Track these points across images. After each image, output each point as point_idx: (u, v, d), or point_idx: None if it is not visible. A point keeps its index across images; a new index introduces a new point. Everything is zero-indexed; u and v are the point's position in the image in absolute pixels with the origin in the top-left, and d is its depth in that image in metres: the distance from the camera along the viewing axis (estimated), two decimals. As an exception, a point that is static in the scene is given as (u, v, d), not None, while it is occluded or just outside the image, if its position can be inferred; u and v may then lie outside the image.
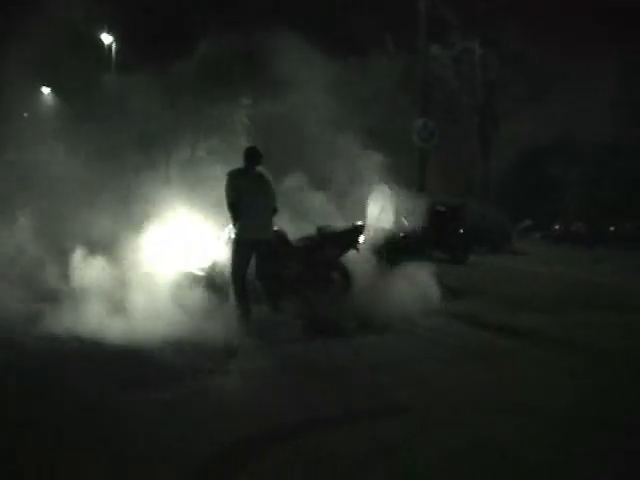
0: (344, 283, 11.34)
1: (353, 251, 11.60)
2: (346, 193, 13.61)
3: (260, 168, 10.35)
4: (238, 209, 9.98)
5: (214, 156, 15.10)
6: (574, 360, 8.64)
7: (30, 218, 12.28)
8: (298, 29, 17.04)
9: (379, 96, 21.94)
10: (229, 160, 13.96)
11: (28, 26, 17.50)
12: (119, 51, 35.02)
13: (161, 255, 11.27)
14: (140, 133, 16.67)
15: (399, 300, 12.22)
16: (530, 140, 31.85)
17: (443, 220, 19.48)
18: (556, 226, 29.33)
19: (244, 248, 10.10)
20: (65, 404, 6.62)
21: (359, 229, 11.62)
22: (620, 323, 11.30)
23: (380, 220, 13.18)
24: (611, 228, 27.07)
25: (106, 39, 36.16)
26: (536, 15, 28.76)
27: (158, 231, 11.59)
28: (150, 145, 15.63)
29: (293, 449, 5.66)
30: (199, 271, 10.66)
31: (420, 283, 12.62)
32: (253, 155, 10.31)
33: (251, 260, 10.26)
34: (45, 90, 35.86)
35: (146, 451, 5.50)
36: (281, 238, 10.93)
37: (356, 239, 11.53)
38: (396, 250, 16.07)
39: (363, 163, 14.09)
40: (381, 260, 13.04)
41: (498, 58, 31.51)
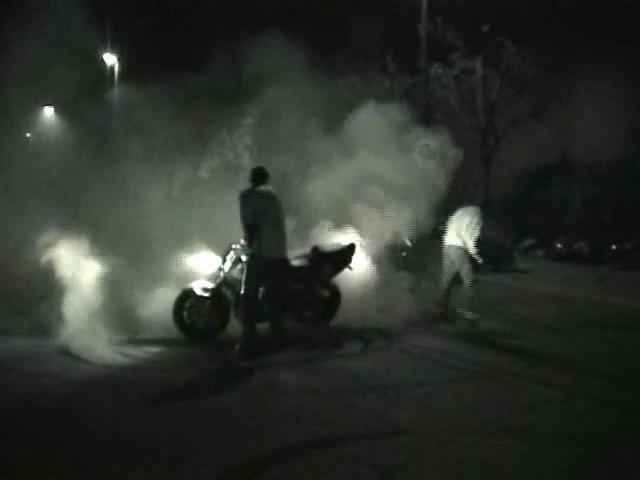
0: (334, 301, 11.38)
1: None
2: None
3: (269, 187, 10.32)
4: (255, 229, 9.92)
5: (216, 175, 15.13)
6: (577, 381, 8.59)
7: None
8: (299, 49, 17.04)
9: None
10: (230, 179, 14.08)
11: (30, 45, 17.51)
12: (122, 72, 35.16)
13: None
14: (143, 152, 16.61)
15: (401, 317, 12.29)
16: (531, 159, 31.86)
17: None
18: (558, 245, 29.21)
19: (261, 266, 10.03)
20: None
21: (353, 248, 11.59)
22: (623, 342, 11.28)
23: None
24: (613, 247, 26.95)
25: (109, 59, 36.34)
26: (537, 35, 28.86)
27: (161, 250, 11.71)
28: (153, 164, 15.56)
29: (287, 470, 5.63)
30: (203, 291, 10.65)
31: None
32: (260, 175, 10.29)
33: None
34: (48, 110, 36.00)
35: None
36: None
37: (350, 258, 11.53)
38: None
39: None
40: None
41: (500, 78, 31.60)
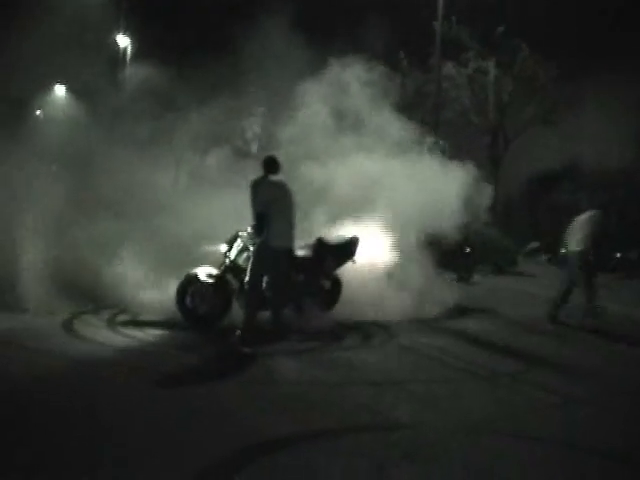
0: (334, 292, 11.45)
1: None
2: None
3: (281, 176, 10.33)
4: (265, 218, 9.92)
5: (224, 163, 15.15)
6: (576, 386, 8.57)
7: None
8: (310, 41, 17.06)
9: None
10: (239, 168, 14.11)
11: (43, 25, 17.54)
12: (134, 54, 35.11)
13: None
14: (151, 138, 16.63)
15: (403, 313, 12.31)
16: (539, 163, 31.83)
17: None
18: (562, 250, 29.14)
19: (268, 256, 10.04)
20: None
21: (357, 241, 11.60)
22: (623, 350, 11.30)
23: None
24: (617, 255, 26.92)
25: (122, 41, 36.30)
26: (551, 40, 28.79)
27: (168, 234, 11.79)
28: (161, 150, 15.59)
29: (284, 461, 5.62)
30: (207, 277, 10.67)
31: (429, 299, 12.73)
32: (272, 164, 10.28)
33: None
34: (59, 89, 35.97)
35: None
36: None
37: (354, 251, 11.55)
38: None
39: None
40: None
41: (512, 80, 31.54)
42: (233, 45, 20.28)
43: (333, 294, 11.50)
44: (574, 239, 13.04)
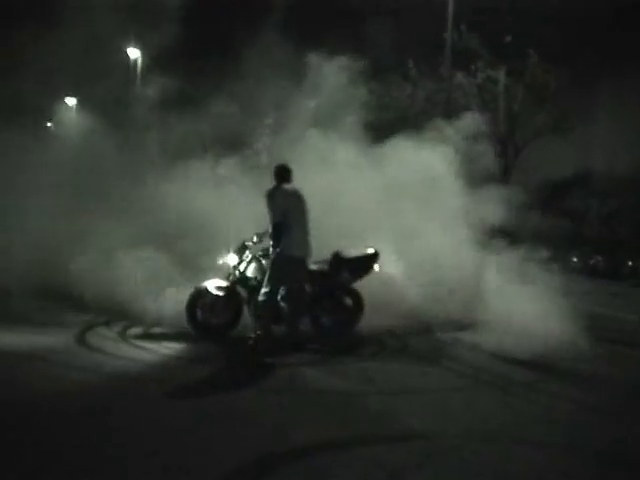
0: (356, 309, 11.26)
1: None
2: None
3: (294, 185, 10.30)
4: (282, 227, 9.90)
5: (235, 174, 15.18)
6: (589, 395, 8.54)
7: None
8: (320, 52, 17.08)
9: (402, 123, 21.85)
10: (250, 178, 14.13)
11: (53, 36, 17.61)
12: (145, 66, 35.22)
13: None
14: (161, 148, 16.68)
15: (416, 323, 12.29)
16: (550, 171, 31.76)
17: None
18: (574, 259, 29.11)
19: (285, 265, 10.02)
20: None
21: (375, 256, 11.47)
22: (636, 359, 11.24)
23: None
24: (629, 263, 26.85)
25: (132, 53, 36.41)
26: (561, 45, 28.76)
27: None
28: (171, 160, 15.62)
29: (297, 470, 5.63)
30: (217, 290, 10.68)
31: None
32: (284, 172, 10.29)
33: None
34: (70, 100, 36.09)
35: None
36: None
37: (371, 266, 11.42)
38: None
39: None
40: None
41: (522, 88, 31.49)
42: (244, 54, 20.29)
43: (354, 312, 11.28)
44: None
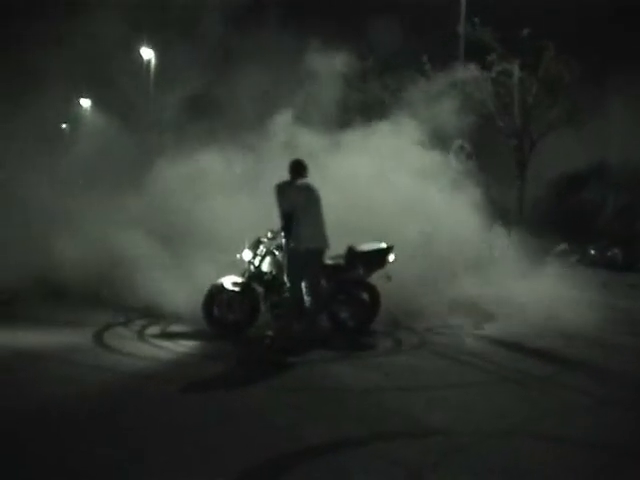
0: (372, 303, 11.27)
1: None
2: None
3: (307, 180, 10.27)
4: (292, 218, 9.93)
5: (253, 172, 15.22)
6: (607, 389, 8.50)
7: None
8: (331, 45, 17.12)
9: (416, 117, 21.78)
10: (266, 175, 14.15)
11: (66, 37, 17.71)
12: (158, 66, 35.30)
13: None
14: (176, 147, 16.71)
15: (432, 318, 12.29)
16: (566, 164, 31.59)
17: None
18: (592, 251, 28.95)
19: (298, 259, 10.04)
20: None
21: (389, 250, 11.46)
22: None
23: None
24: (645, 255, 26.65)
25: (145, 54, 36.53)
26: (576, 38, 28.58)
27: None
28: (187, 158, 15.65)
29: (317, 468, 5.63)
30: (233, 286, 10.72)
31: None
32: (298, 167, 10.30)
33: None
34: (84, 102, 36.27)
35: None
36: None
37: (385, 259, 11.40)
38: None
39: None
40: None
41: (537, 82, 31.30)
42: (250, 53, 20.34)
43: (372, 307, 11.29)
44: None
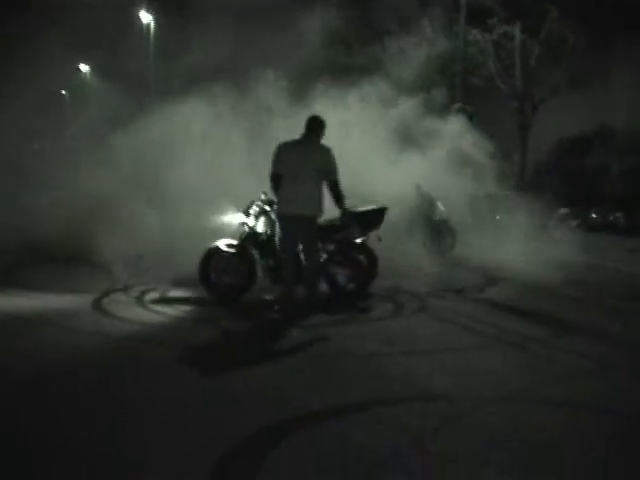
0: (370, 265, 11.20)
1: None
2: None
3: (319, 139, 10.00)
4: (278, 181, 9.79)
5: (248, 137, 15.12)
6: (608, 352, 8.44)
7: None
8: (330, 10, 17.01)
9: (417, 80, 21.62)
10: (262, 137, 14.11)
11: (64, 2, 17.59)
12: (158, 30, 35.07)
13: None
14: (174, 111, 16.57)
15: (433, 282, 12.27)
16: (568, 127, 31.39)
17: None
18: (593, 215, 28.90)
19: (284, 223, 9.95)
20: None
21: (382, 211, 11.42)
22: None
23: None
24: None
25: (144, 17, 36.25)
26: (580, 2, 28.34)
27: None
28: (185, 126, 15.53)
29: (318, 434, 5.58)
30: (228, 248, 10.65)
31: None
32: (312, 124, 10.00)
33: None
34: (84, 67, 36.08)
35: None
36: None
37: (379, 220, 11.32)
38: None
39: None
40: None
41: (538, 44, 31.05)
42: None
43: (369, 270, 11.21)
44: None
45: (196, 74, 18.92)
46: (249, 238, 10.68)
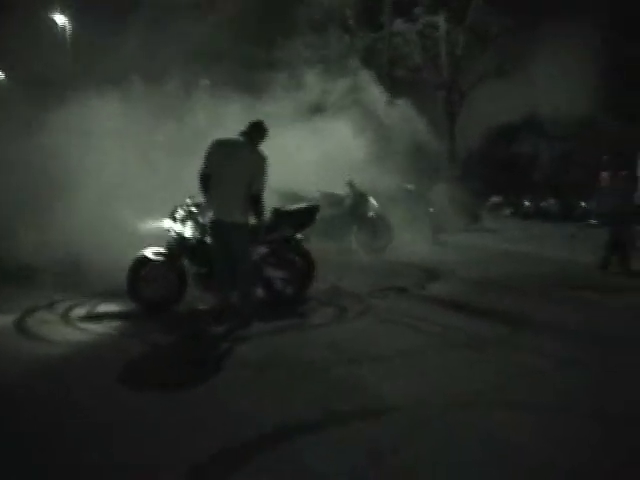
0: (307, 267, 10.68)
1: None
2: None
3: (255, 144, 9.28)
4: (207, 182, 9.10)
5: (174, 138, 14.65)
6: (564, 346, 8.13)
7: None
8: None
9: (342, 75, 21.31)
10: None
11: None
12: (73, 32, 34.31)
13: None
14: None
15: (374, 282, 11.88)
16: (497, 116, 31.40)
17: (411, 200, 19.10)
18: (526, 202, 29.00)
19: (214, 230, 9.33)
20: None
21: (314, 209, 11.03)
22: (601, 303, 10.95)
23: None
24: (582, 204, 26.68)
25: (59, 20, 35.38)
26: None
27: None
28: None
29: (271, 458, 5.08)
30: (156, 256, 10.01)
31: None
32: (253, 129, 9.30)
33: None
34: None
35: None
36: None
37: (311, 219, 10.88)
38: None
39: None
40: None
41: (463, 33, 30.98)
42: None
43: (307, 272, 10.67)
44: None
45: (115, 75, 18.31)
46: (177, 244, 10.05)
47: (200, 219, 9.97)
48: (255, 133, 9.35)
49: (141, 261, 9.91)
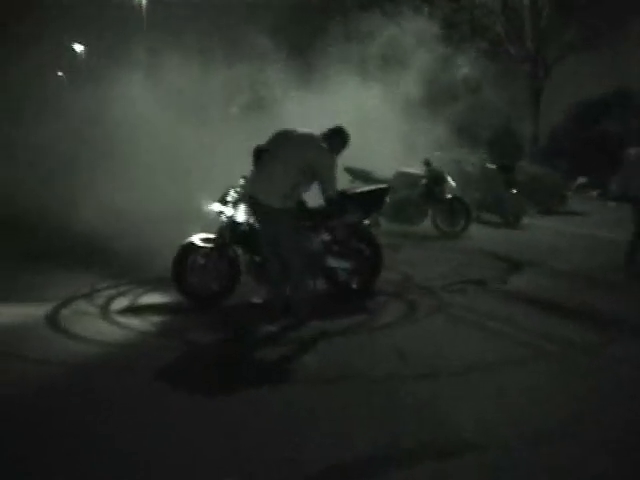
0: (375, 257, 9.64)
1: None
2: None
3: (310, 133, 8.45)
4: (258, 157, 8.41)
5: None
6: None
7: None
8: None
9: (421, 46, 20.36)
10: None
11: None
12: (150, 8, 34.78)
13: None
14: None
15: (448, 272, 10.90)
16: (584, 91, 29.81)
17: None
18: (614, 184, 27.41)
19: (252, 208, 8.59)
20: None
21: (384, 191, 10.09)
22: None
23: None
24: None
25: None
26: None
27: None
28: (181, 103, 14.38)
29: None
30: (205, 242, 9.02)
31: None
32: (332, 135, 8.51)
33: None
34: (78, 47, 35.42)
35: None
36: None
37: (380, 203, 10.00)
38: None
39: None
40: None
41: (548, 3, 29.44)
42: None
43: (375, 262, 9.65)
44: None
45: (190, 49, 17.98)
46: (228, 230, 9.03)
47: None
48: (334, 139, 8.53)
49: (188, 248, 8.95)
